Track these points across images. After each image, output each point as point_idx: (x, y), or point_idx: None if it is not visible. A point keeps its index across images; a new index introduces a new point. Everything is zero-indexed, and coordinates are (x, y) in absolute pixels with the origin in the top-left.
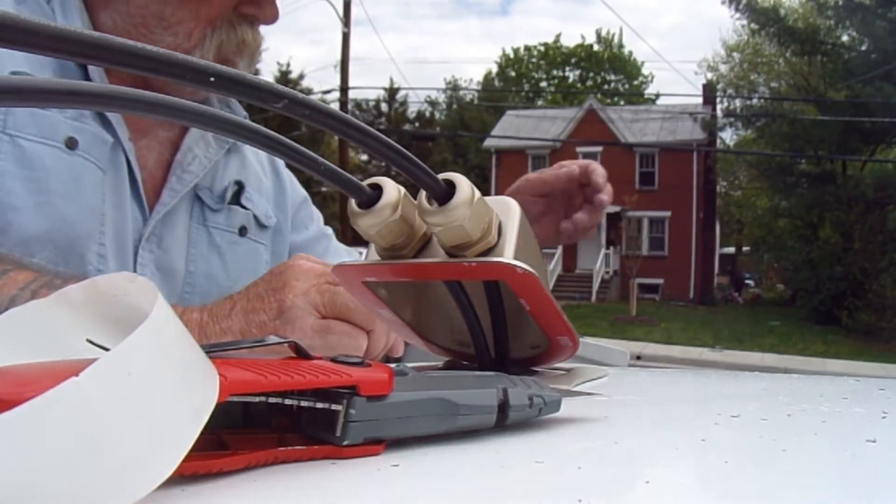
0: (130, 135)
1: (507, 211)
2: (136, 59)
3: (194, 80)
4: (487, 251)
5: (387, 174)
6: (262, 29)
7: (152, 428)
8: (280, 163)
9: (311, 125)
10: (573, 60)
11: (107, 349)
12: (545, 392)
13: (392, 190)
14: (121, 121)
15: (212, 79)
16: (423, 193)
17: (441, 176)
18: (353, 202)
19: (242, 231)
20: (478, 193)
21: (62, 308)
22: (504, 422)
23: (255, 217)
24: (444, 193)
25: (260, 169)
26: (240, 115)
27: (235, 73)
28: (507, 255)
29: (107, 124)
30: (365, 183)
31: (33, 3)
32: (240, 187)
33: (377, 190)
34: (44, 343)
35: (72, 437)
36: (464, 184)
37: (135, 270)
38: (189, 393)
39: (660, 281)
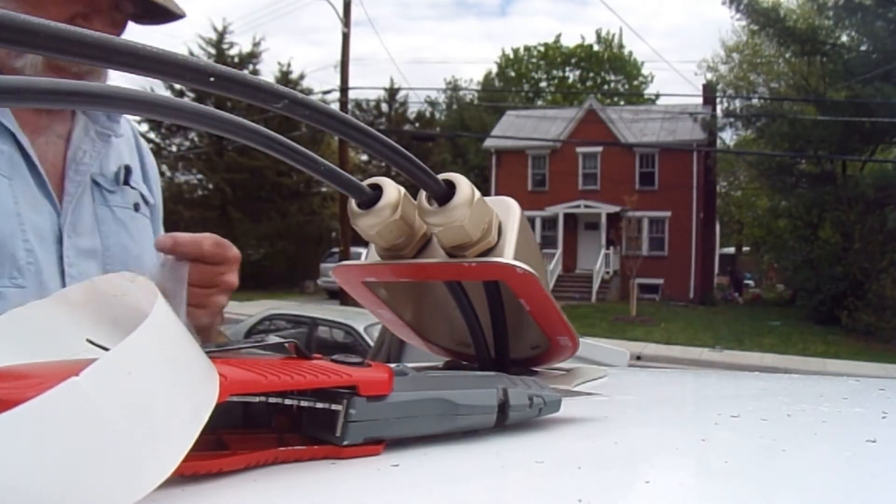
0: (28, 137)
1: (507, 211)
2: (137, 58)
3: (194, 80)
4: (487, 251)
5: (387, 174)
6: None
7: (153, 427)
8: (142, 144)
9: (311, 125)
10: (573, 61)
11: (107, 349)
12: (545, 392)
13: (392, 190)
14: (16, 126)
15: (212, 79)
16: (423, 194)
17: (441, 176)
18: (353, 202)
19: (136, 207)
20: (478, 194)
21: (62, 308)
22: (504, 422)
23: (142, 195)
24: (444, 194)
25: (129, 153)
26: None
27: (235, 74)
28: (507, 256)
29: (1, 132)
30: (365, 183)
31: None
32: (127, 171)
33: (377, 190)
34: (44, 343)
35: (73, 437)
36: (464, 184)
37: (62, 257)
38: (189, 392)
39: (660, 281)
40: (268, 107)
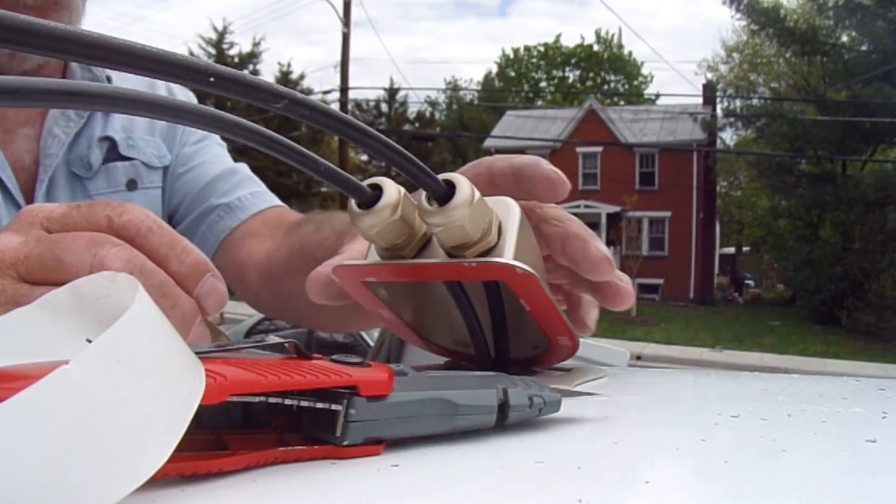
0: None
1: (507, 211)
2: (136, 58)
3: (194, 80)
4: (487, 251)
5: (387, 174)
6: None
7: (144, 415)
8: (170, 89)
9: (311, 125)
10: (573, 61)
11: None
12: (545, 392)
13: (392, 190)
14: None
15: (212, 79)
16: (423, 193)
17: (441, 176)
18: (352, 202)
19: (131, 185)
20: (478, 194)
21: (47, 313)
22: (504, 422)
23: (143, 163)
24: (444, 194)
25: None
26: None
27: (235, 74)
28: (507, 256)
29: None
30: (365, 183)
31: None
32: (111, 143)
33: (377, 190)
34: (33, 348)
35: (66, 427)
36: (464, 184)
37: None
38: (177, 379)
39: (660, 281)
40: (268, 107)
